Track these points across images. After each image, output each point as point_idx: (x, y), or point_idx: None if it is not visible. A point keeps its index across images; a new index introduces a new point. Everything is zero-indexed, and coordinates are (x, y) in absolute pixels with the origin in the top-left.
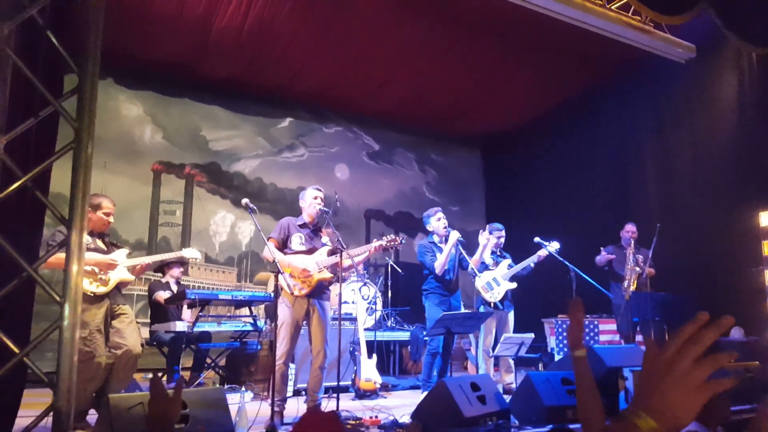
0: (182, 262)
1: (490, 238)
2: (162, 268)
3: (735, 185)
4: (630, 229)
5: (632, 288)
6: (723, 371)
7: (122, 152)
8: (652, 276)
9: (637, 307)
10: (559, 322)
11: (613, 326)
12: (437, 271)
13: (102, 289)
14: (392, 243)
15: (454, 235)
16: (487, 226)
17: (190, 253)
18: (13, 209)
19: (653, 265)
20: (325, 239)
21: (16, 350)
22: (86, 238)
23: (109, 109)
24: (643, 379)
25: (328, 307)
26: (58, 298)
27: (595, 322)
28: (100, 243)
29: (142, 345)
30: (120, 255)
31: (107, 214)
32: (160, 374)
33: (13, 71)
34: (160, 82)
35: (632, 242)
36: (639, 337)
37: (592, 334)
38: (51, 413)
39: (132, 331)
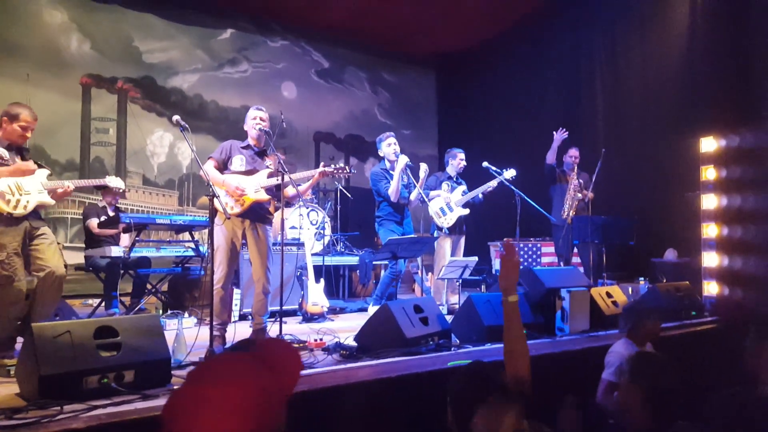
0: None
1: (427, 170)
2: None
3: (679, 111)
4: (573, 154)
5: (572, 213)
6: (655, 290)
7: (46, 63)
8: (592, 199)
9: (577, 230)
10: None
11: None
12: (392, 198)
13: (20, 212)
14: (340, 172)
15: (403, 160)
16: (449, 150)
17: (114, 182)
18: None
19: (594, 190)
20: (268, 162)
21: None
22: (2, 152)
23: (29, 14)
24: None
25: (269, 232)
26: None
27: (538, 245)
28: (18, 160)
29: (66, 267)
30: (40, 175)
31: (24, 128)
32: (97, 300)
33: None
34: None
35: (575, 168)
36: (576, 259)
37: (534, 256)
38: None
39: (54, 252)
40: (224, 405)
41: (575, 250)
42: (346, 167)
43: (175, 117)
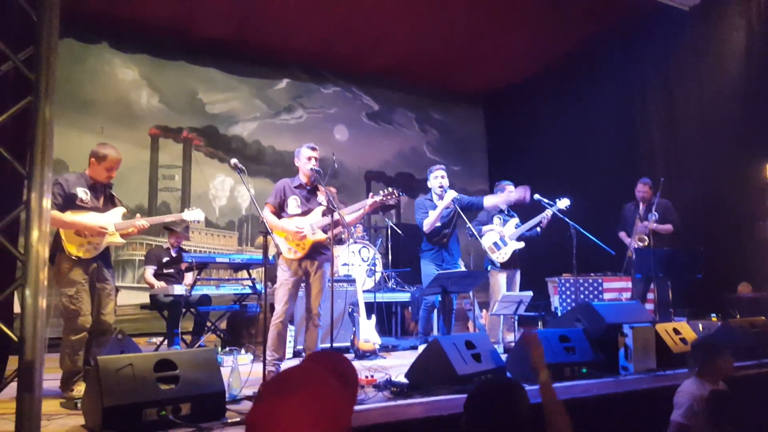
0: (180, 231)
1: (456, 197)
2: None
3: (741, 137)
4: (640, 189)
5: (641, 243)
6: (727, 326)
7: (119, 117)
8: (668, 233)
9: (639, 264)
10: (563, 281)
11: (618, 284)
12: (424, 228)
13: (89, 255)
14: (389, 197)
15: (450, 195)
16: (498, 183)
17: (192, 215)
18: None
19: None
20: (321, 198)
21: None
22: (83, 193)
23: (104, 74)
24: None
25: (328, 269)
26: (20, 255)
27: (599, 280)
28: (100, 197)
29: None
30: (115, 215)
31: (109, 168)
32: (161, 338)
33: None
34: (155, 45)
35: (642, 203)
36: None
37: (596, 293)
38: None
39: (112, 307)
40: (303, 413)
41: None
42: (395, 190)
43: (233, 160)
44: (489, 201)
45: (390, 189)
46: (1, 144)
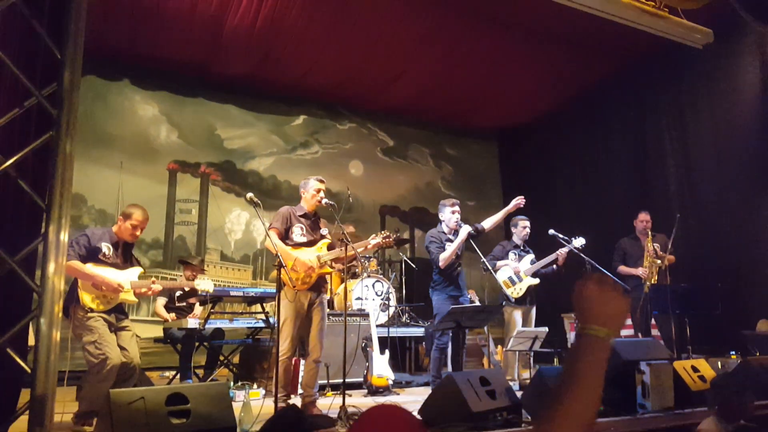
0: (196, 264)
1: (470, 230)
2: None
3: (757, 172)
4: (643, 219)
5: (653, 280)
6: (747, 364)
7: (138, 152)
8: (672, 263)
9: (656, 300)
10: None
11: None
12: (441, 264)
13: (102, 308)
14: (387, 240)
15: (465, 230)
16: (512, 218)
17: (203, 285)
18: None
19: (674, 252)
20: (324, 230)
21: None
22: (106, 248)
23: (125, 110)
24: (584, 307)
25: (326, 301)
26: (36, 288)
27: None
28: (120, 254)
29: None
30: (133, 273)
31: (134, 227)
32: (174, 372)
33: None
34: (175, 82)
35: (648, 232)
36: (655, 332)
37: None
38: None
39: (135, 345)
40: None
41: (653, 321)
42: (391, 233)
43: (249, 194)
44: (489, 223)
45: (388, 233)
46: (21, 177)
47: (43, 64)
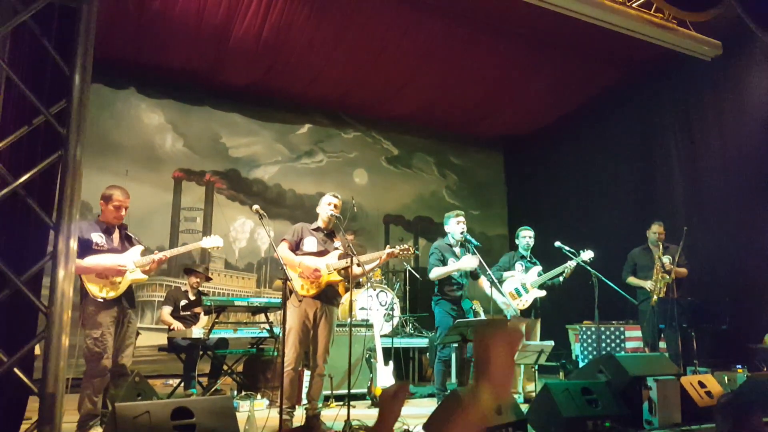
0: (201, 271)
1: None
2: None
3: (765, 186)
4: (656, 230)
5: (661, 294)
6: (754, 380)
7: (144, 160)
8: (684, 276)
9: (663, 314)
10: (584, 329)
11: (640, 333)
12: (430, 275)
13: (112, 294)
14: (404, 252)
15: (473, 263)
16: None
17: (211, 241)
18: (4, 218)
19: (685, 265)
20: (337, 244)
21: (3, 359)
22: (98, 237)
23: (131, 118)
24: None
25: (336, 313)
26: (44, 309)
27: (621, 329)
28: (115, 238)
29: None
30: (134, 253)
31: (117, 207)
32: (177, 380)
33: (10, 78)
34: (181, 91)
35: (660, 244)
36: (663, 344)
37: (617, 341)
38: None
39: (131, 352)
40: None
41: (662, 335)
42: (411, 248)
43: (255, 206)
44: (507, 281)
45: (407, 245)
46: (28, 195)
47: (51, 81)
